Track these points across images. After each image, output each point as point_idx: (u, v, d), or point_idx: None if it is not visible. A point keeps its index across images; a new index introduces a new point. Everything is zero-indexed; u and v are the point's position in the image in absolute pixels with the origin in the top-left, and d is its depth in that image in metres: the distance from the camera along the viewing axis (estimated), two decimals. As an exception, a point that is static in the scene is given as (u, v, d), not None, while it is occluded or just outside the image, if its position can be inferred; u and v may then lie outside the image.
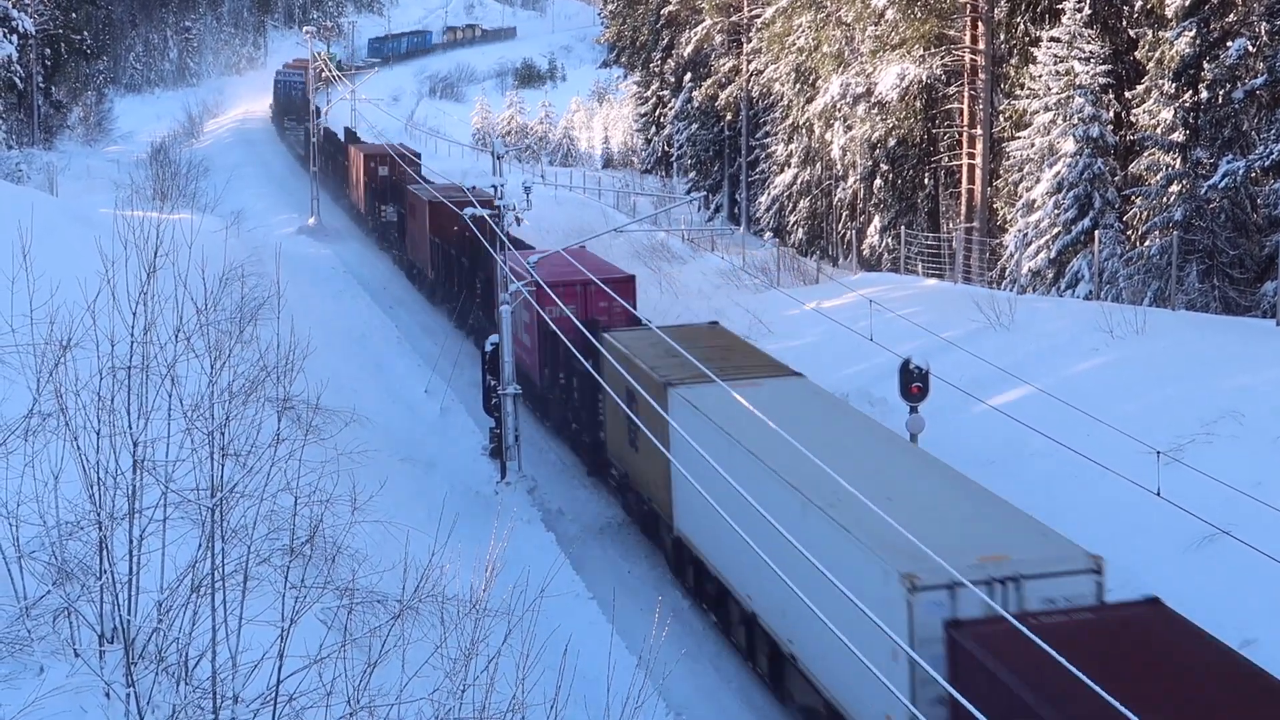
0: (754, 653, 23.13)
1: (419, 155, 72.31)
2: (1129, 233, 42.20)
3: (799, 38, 60.33)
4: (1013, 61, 50.41)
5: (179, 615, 13.12)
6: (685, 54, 78.37)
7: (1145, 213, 40.81)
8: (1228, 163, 37.55)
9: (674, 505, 26.13)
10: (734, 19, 72.64)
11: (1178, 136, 39.48)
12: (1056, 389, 28.31)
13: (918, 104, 53.26)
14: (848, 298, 42.08)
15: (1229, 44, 37.99)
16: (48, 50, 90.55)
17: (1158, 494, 21.51)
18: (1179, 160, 39.49)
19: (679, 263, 59.91)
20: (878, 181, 55.87)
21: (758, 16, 67.25)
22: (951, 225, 52.94)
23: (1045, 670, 13.19)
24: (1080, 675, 11.91)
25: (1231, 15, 38.40)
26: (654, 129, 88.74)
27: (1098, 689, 11.58)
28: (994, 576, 16.91)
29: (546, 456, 35.30)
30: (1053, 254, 42.51)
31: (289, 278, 33.99)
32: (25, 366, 15.19)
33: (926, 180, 55.43)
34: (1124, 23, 44.97)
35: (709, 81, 74.43)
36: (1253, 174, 37.67)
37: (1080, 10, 43.40)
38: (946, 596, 16.50)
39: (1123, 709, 10.94)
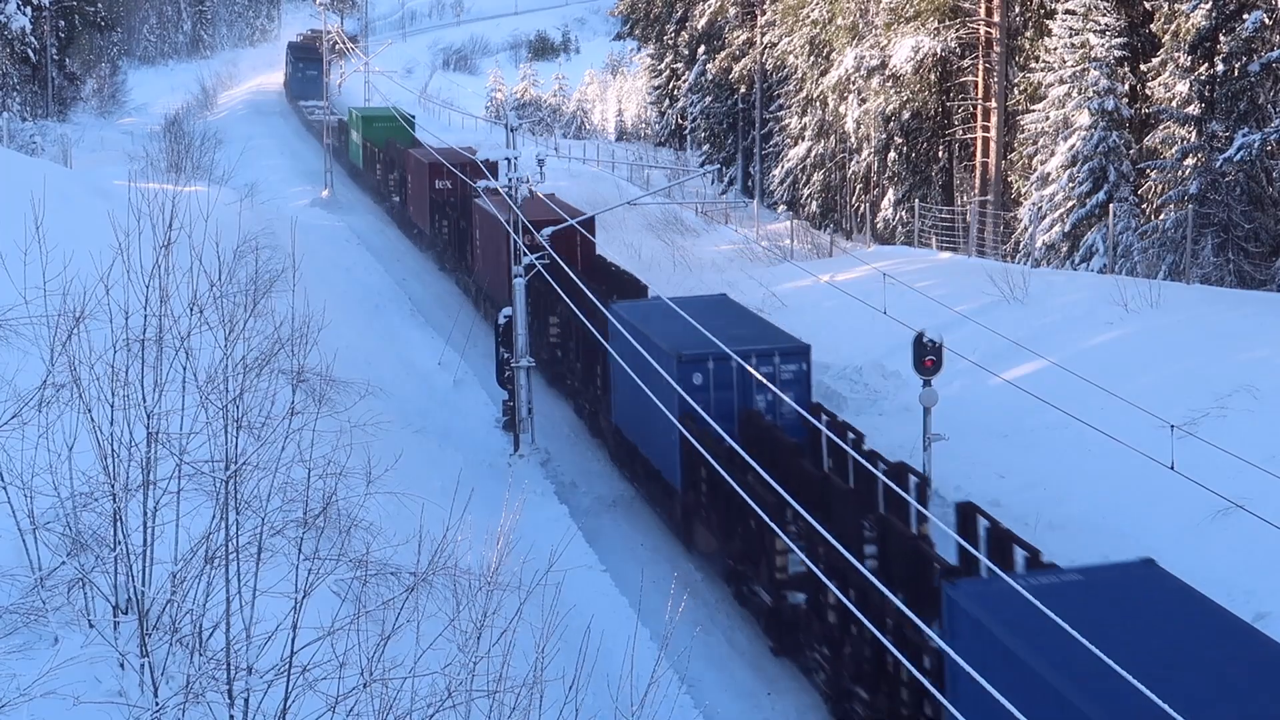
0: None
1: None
2: (1144, 206, 42.13)
3: (813, 10, 60.20)
4: (1028, 34, 50.29)
5: (193, 586, 13.15)
6: (699, 26, 78.20)
7: (1160, 186, 40.73)
8: (1243, 136, 37.45)
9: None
10: (748, -9, 72.48)
11: (1193, 109, 39.39)
12: (1071, 362, 28.28)
13: (932, 77, 53.14)
14: (861, 271, 42.01)
15: (1245, 16, 37.87)
16: (62, 23, 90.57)
17: (1172, 467, 21.48)
18: (1194, 133, 39.40)
19: (692, 236, 59.86)
20: (891, 154, 55.78)
21: (772, -12, 67.11)
22: (966, 198, 52.88)
23: None
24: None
25: (1248, -13, 38.30)
26: (667, 102, 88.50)
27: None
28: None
29: (560, 429, 35.34)
30: (1067, 227, 42.46)
31: (302, 250, 34.05)
32: (39, 338, 15.21)
33: (940, 153, 55.32)
34: (1140, -5, 44.84)
35: (723, 54, 74.28)
36: (1269, 147, 37.57)
37: (1096, -18, 43.29)
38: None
39: None
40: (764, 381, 24.37)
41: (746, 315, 30.84)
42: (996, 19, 50.31)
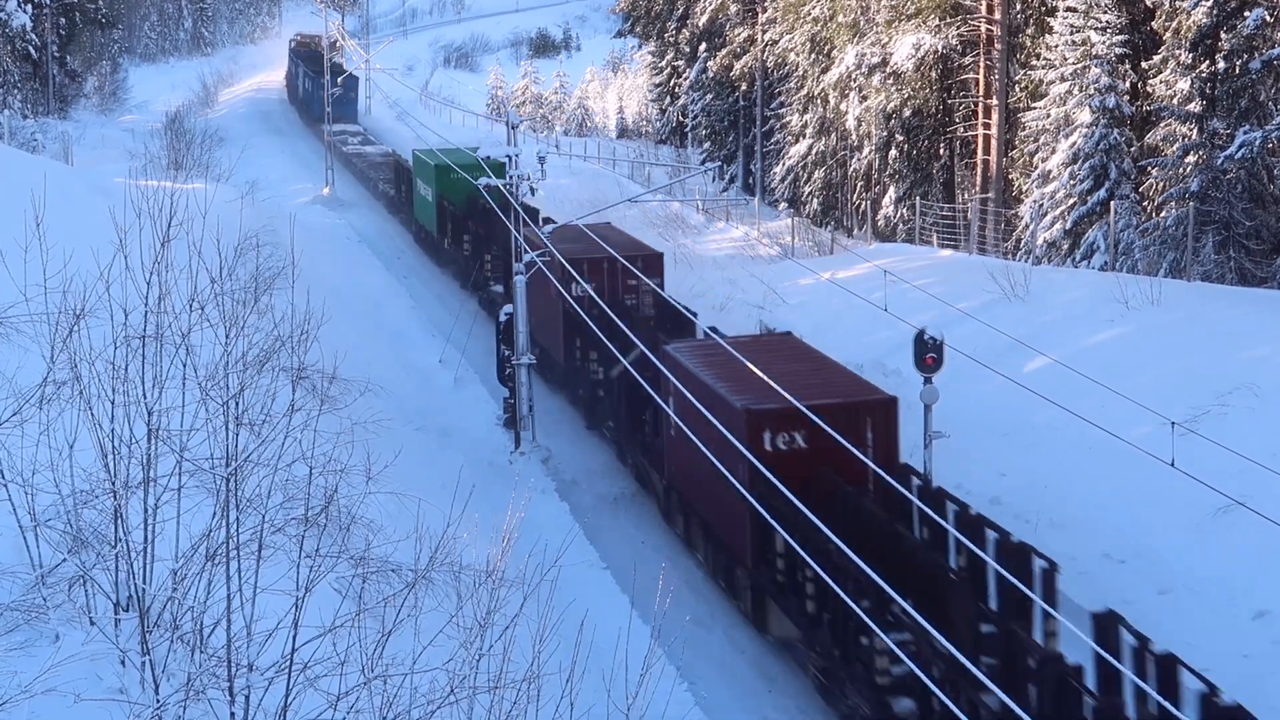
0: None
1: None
2: (1145, 204, 42.09)
3: (814, 7, 60.15)
4: (1029, 31, 50.27)
5: (194, 584, 13.15)
6: (700, 24, 78.14)
7: (1161, 184, 40.69)
8: (1244, 133, 37.42)
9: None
10: (749, -12, 72.43)
11: (1194, 107, 39.35)
12: (1072, 360, 28.27)
13: (933, 74, 53.10)
14: (862, 268, 42.01)
15: (1246, 14, 37.84)
16: (63, 20, 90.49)
17: (1172, 465, 21.48)
18: (1195, 131, 39.36)
19: (694, 233, 59.86)
20: (893, 152, 55.74)
21: (773, -14, 67.05)
22: (967, 196, 52.84)
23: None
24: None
25: (1249, -15, 38.25)
26: (668, 99, 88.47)
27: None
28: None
29: (561, 427, 35.31)
30: (1068, 225, 42.43)
31: (303, 247, 34.02)
32: (39, 335, 15.21)
33: (942, 151, 55.28)
34: (1141, -8, 44.80)
35: (724, 51, 74.22)
36: (1269, 145, 37.54)
37: (1097, -20, 43.25)
38: None
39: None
40: None
41: None
42: (998, 16, 50.28)
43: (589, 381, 34.40)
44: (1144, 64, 43.32)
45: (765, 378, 21.20)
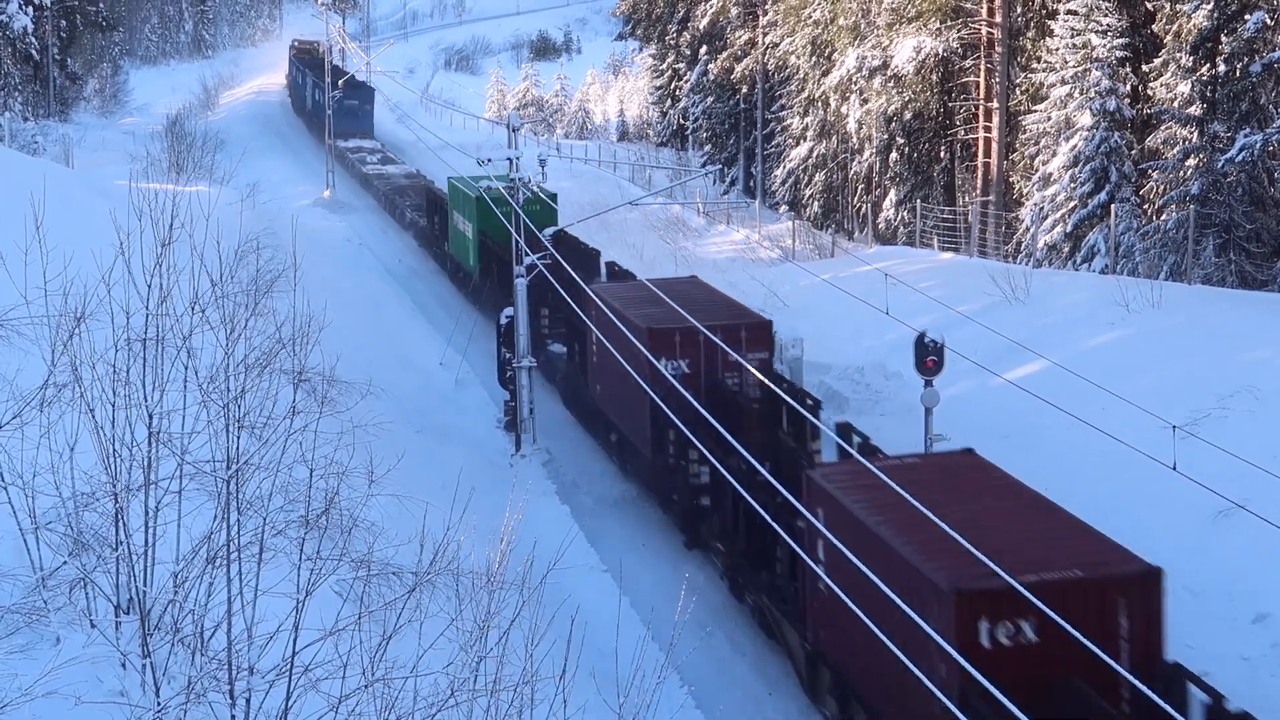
0: None
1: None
2: (1145, 207, 42.10)
3: (815, 10, 60.15)
4: (1029, 34, 50.27)
5: (194, 586, 13.14)
6: (701, 26, 78.17)
7: (1162, 187, 40.70)
8: (1245, 136, 37.44)
9: None
10: (750, -9, 72.44)
11: (1195, 110, 39.36)
12: (1072, 363, 28.26)
13: (934, 77, 53.11)
14: (863, 271, 41.98)
15: (1247, 17, 37.85)
16: (63, 22, 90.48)
17: (1174, 468, 21.46)
18: (1196, 134, 39.36)
19: (695, 236, 59.84)
20: (893, 155, 55.74)
21: (774, -11, 67.05)
22: (967, 199, 52.84)
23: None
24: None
25: (1250, -12, 38.27)
26: (669, 102, 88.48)
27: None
28: None
29: (562, 429, 35.32)
30: (1069, 228, 42.42)
31: (304, 250, 34.01)
32: (40, 338, 15.20)
33: (942, 154, 55.28)
34: (1142, -5, 44.82)
35: (725, 54, 74.24)
36: (1270, 148, 37.55)
37: (1098, -17, 43.25)
38: None
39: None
40: None
41: None
42: (998, 19, 50.29)
43: (687, 485, 27.30)
44: (1145, 67, 43.34)
45: (979, 553, 13.71)
